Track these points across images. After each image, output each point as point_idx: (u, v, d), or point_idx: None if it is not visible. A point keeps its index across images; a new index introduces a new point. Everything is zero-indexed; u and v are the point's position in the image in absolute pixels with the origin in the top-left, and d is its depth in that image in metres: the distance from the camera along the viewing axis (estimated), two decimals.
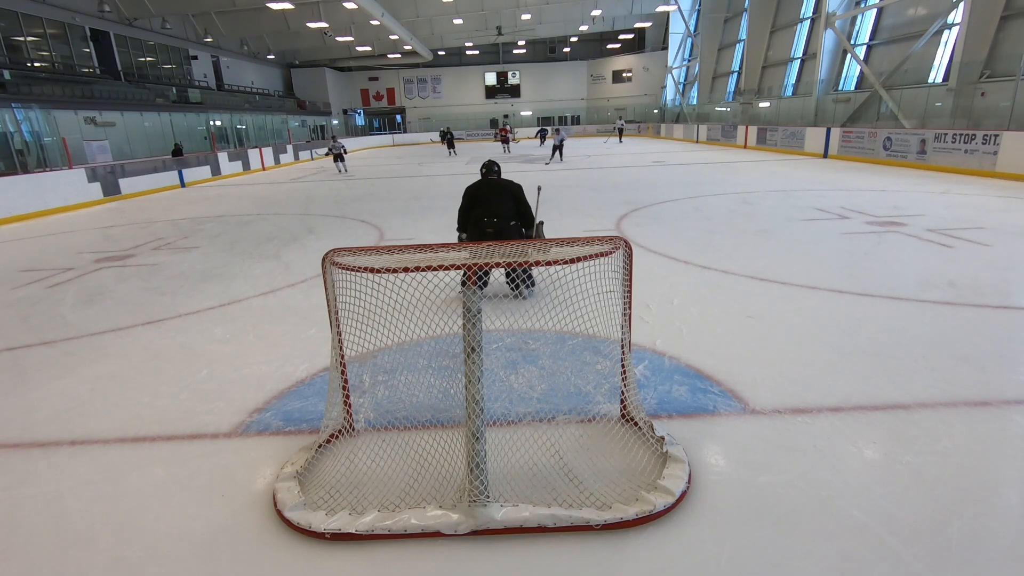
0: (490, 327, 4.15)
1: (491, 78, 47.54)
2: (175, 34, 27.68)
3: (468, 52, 45.83)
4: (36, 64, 20.34)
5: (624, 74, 45.02)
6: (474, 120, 45.73)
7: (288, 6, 24.86)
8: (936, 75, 16.62)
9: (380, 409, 3.15)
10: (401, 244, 2.93)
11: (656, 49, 42.01)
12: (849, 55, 19.86)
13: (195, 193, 15.68)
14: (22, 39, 19.89)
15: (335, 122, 41.82)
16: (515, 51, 46.09)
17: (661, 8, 32.42)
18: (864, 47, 19.58)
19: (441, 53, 44.27)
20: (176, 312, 5.10)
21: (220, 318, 4.91)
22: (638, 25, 40.91)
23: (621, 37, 42.53)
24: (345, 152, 20.20)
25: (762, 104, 25.74)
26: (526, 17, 34.06)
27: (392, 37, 32.79)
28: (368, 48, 35.60)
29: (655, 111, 41.29)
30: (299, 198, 13.32)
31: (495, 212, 4.70)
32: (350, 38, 32.34)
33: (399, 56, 40.73)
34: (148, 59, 26.30)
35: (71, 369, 3.95)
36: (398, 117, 47.51)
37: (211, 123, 26.18)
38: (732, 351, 3.76)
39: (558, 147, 20.60)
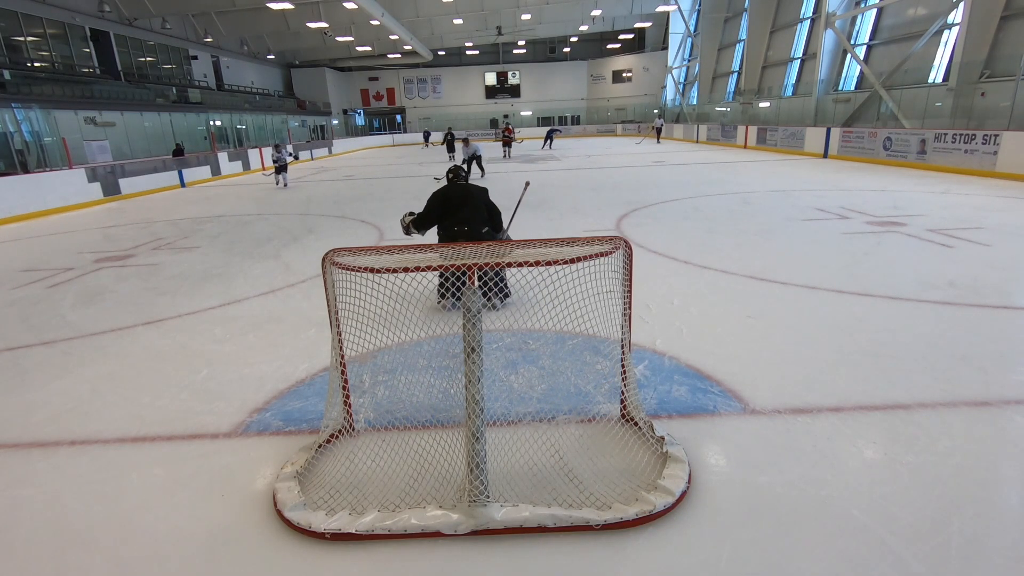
0: (490, 327, 4.14)
1: (491, 78, 47.54)
2: (175, 34, 27.68)
3: (468, 52, 45.83)
4: (36, 64, 20.34)
5: (624, 74, 45.02)
6: (474, 120, 45.75)
7: (288, 6, 24.86)
8: (936, 75, 16.63)
9: (380, 409, 3.15)
10: (401, 244, 2.93)
11: (656, 49, 42.02)
12: (849, 55, 19.86)
13: (195, 193, 15.68)
14: (22, 39, 19.90)
15: (335, 122, 41.82)
16: (515, 51, 46.09)
17: (661, 8, 32.40)
18: (864, 47, 19.58)
19: (441, 53, 44.27)
20: (176, 312, 5.10)
21: (220, 318, 4.91)
22: (638, 25, 40.91)
23: (621, 37, 42.53)
24: (295, 159, 16.45)
25: (762, 104, 25.73)
26: (526, 17, 34.05)
27: (392, 37, 32.79)
28: (368, 48, 35.61)
29: (655, 111, 41.28)
30: (299, 198, 13.32)
31: (465, 219, 4.56)
32: (350, 38, 32.35)
33: (399, 56, 40.74)
34: (148, 59, 26.30)
35: (71, 369, 3.95)
36: (398, 117, 47.52)
37: (211, 123, 26.18)
38: (732, 351, 3.76)
39: (472, 159, 15.47)
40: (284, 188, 15.50)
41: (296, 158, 16.59)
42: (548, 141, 28.95)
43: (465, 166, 14.98)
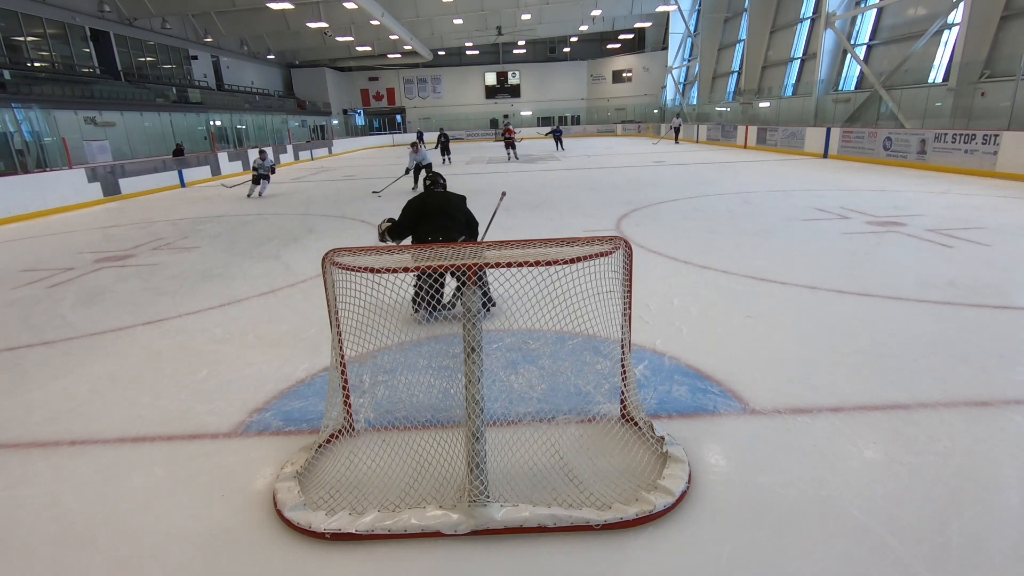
0: (490, 327, 4.15)
1: (491, 78, 47.53)
2: (175, 34, 27.69)
3: (468, 52, 45.82)
4: (36, 64, 20.34)
5: (624, 74, 45.02)
6: (474, 120, 45.74)
7: (288, 6, 24.86)
8: (936, 75, 16.62)
9: (380, 409, 3.15)
10: (401, 244, 2.93)
11: (656, 49, 42.01)
12: (849, 55, 19.86)
13: (195, 193, 15.68)
14: (22, 39, 19.90)
15: (335, 122, 41.81)
16: (515, 51, 46.08)
17: (661, 8, 32.39)
18: (864, 47, 19.57)
19: (441, 53, 44.26)
20: (176, 312, 5.10)
21: (220, 318, 4.91)
22: (638, 25, 40.90)
23: (621, 37, 42.53)
24: (273, 171, 14.81)
25: (762, 104, 25.73)
26: (526, 17, 34.04)
27: (392, 37, 32.79)
28: (368, 48, 35.61)
29: (655, 111, 41.27)
30: (299, 198, 13.32)
31: (441, 227, 4.44)
32: (350, 38, 32.35)
33: (399, 56, 40.74)
34: (148, 59, 26.31)
35: (71, 369, 3.95)
36: (398, 117, 47.52)
37: (211, 123, 26.18)
38: (732, 351, 3.76)
39: (420, 167, 13.37)
40: (259, 198, 13.67)
41: (274, 171, 15.12)
42: (559, 143, 27.28)
43: (413, 175, 13.66)
